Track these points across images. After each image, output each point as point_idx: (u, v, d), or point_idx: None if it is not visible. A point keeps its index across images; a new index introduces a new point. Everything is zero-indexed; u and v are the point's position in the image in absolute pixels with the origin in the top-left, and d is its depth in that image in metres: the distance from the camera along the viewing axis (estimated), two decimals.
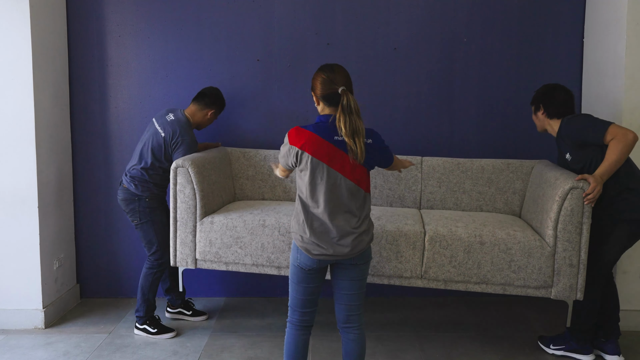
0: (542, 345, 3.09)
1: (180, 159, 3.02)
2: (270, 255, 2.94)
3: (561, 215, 2.69)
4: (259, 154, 3.55)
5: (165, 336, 3.22)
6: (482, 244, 2.79)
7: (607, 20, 3.43)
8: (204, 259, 3.02)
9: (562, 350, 3.01)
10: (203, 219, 3.01)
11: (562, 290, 2.75)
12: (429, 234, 2.85)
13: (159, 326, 3.25)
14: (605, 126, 2.69)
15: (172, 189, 3.00)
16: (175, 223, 3.02)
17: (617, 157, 2.62)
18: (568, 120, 2.87)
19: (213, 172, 3.21)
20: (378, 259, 2.86)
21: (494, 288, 2.83)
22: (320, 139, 2.19)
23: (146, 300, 3.22)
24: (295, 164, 2.24)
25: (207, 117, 3.30)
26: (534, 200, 3.07)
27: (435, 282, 2.87)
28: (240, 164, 3.55)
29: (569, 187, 2.65)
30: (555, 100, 2.95)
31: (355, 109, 2.18)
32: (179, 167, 2.98)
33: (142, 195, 3.14)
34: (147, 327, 3.24)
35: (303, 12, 3.69)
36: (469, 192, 3.37)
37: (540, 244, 2.76)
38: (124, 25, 3.68)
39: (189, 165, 2.97)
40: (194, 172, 2.97)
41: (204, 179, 3.06)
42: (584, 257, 2.72)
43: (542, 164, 3.22)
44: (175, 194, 3.00)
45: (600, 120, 2.79)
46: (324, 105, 2.26)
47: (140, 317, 3.24)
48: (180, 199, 2.99)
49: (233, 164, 3.54)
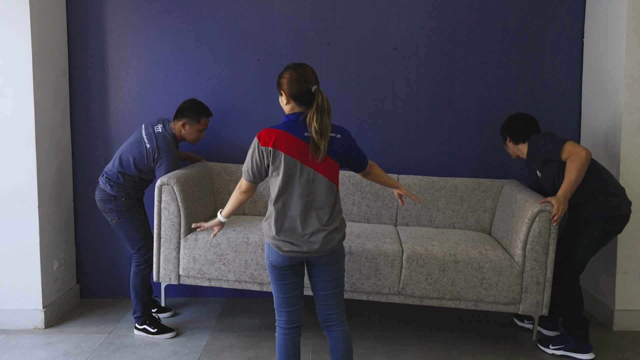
0: (542, 347, 3.10)
1: (165, 176, 3.04)
2: (253, 272, 3.01)
3: (530, 237, 2.85)
4: (240, 169, 3.59)
5: (165, 336, 3.22)
6: (457, 262, 2.92)
7: (607, 20, 3.43)
8: (187, 275, 3.07)
9: (562, 350, 3.02)
10: (187, 236, 3.05)
11: (529, 306, 2.92)
12: (407, 252, 2.96)
13: (159, 326, 3.25)
14: (561, 144, 2.85)
15: (157, 206, 3.03)
16: (159, 240, 3.06)
17: (575, 176, 2.78)
18: (532, 140, 3.06)
19: (196, 188, 3.24)
20: (358, 276, 2.96)
21: (466, 304, 2.97)
22: (291, 136, 2.18)
23: (140, 299, 3.23)
24: (268, 165, 2.21)
25: (183, 129, 3.24)
26: (504, 220, 3.23)
27: (412, 299, 3.00)
28: (221, 179, 3.58)
29: (537, 210, 2.81)
30: (516, 127, 3.17)
31: (328, 108, 2.18)
32: (164, 184, 3.02)
33: (118, 196, 3.17)
34: (147, 327, 3.24)
35: (303, 12, 3.69)
36: (443, 210, 3.51)
37: (510, 263, 2.91)
38: (124, 25, 3.68)
39: (174, 183, 3.00)
40: (179, 190, 3.01)
41: (188, 196, 3.10)
42: (549, 276, 2.89)
43: (512, 184, 3.38)
44: (159, 211, 3.03)
45: (558, 138, 2.93)
46: (294, 104, 2.24)
47: (139, 317, 3.25)
48: (165, 216, 3.02)
49: (214, 179, 3.58)
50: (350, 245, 3.00)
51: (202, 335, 3.27)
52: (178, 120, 3.24)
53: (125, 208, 3.17)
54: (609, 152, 3.41)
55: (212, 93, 3.73)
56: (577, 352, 2.99)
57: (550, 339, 3.11)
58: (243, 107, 3.74)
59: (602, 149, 3.48)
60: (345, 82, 3.72)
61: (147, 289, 3.25)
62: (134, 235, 3.21)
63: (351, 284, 3.00)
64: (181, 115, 3.24)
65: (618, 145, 3.30)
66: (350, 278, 2.99)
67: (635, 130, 3.27)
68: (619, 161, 3.30)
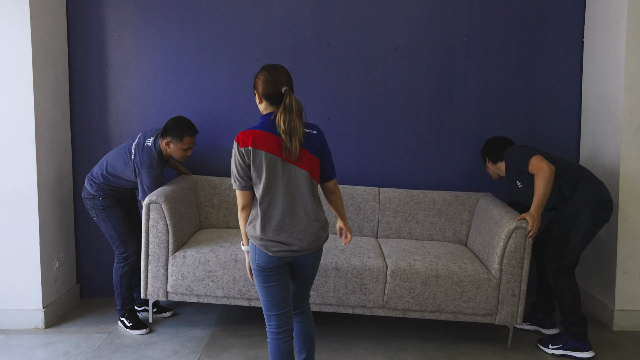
0: (542, 347, 3.10)
1: (154, 194, 3.04)
2: (241, 288, 3.05)
3: (506, 252, 2.98)
4: (223, 183, 3.61)
5: (136, 332, 3.28)
6: (438, 277, 3.03)
7: (607, 20, 3.43)
8: (176, 292, 3.09)
9: (561, 349, 3.03)
10: (175, 253, 3.07)
11: (504, 317, 3.04)
12: (391, 268, 3.05)
13: (134, 321, 3.31)
14: (528, 157, 3.02)
15: (145, 224, 3.05)
16: (147, 257, 3.07)
17: (542, 192, 2.94)
18: (506, 153, 3.22)
19: (182, 205, 3.25)
20: (344, 291, 3.03)
21: (446, 316, 3.08)
22: (268, 134, 2.20)
23: (120, 294, 3.32)
24: (249, 166, 2.21)
25: (168, 147, 3.22)
26: (480, 233, 3.35)
27: (395, 312, 3.08)
28: (205, 193, 3.60)
29: (514, 227, 2.94)
30: (493, 148, 3.32)
31: (297, 108, 2.20)
32: (152, 203, 3.04)
33: (96, 195, 3.25)
34: (124, 320, 3.32)
35: (303, 12, 3.69)
36: (422, 223, 3.61)
37: (487, 276, 3.03)
38: (124, 25, 3.68)
39: (162, 201, 3.02)
40: (167, 209, 3.03)
41: (176, 213, 3.11)
42: (524, 288, 3.01)
43: (487, 198, 3.51)
44: (147, 229, 3.04)
45: (527, 150, 3.09)
46: (267, 104, 2.27)
47: (119, 311, 3.35)
48: (153, 234, 3.04)
49: (198, 193, 3.59)
50: (337, 261, 3.07)
51: (202, 335, 3.27)
52: (163, 139, 3.23)
53: (102, 207, 3.24)
54: (609, 152, 3.41)
55: (212, 93, 3.73)
56: (577, 351, 3.00)
57: (549, 338, 3.11)
58: (243, 107, 3.73)
59: (602, 149, 3.48)
60: (345, 82, 3.72)
61: (126, 285, 3.33)
62: (111, 233, 3.28)
63: (337, 298, 3.08)
64: (165, 134, 3.23)
65: (618, 145, 3.30)
66: (336, 293, 3.06)
67: (635, 130, 3.27)
68: (619, 161, 3.30)
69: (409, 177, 3.79)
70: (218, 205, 3.58)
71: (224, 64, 3.71)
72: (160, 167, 3.23)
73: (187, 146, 3.27)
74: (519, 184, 3.17)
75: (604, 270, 3.46)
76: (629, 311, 3.33)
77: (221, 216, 3.59)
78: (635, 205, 3.29)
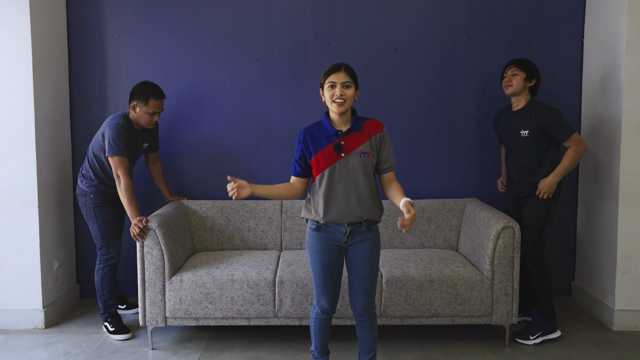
0: (521, 340, 3.16)
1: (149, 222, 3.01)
2: (240, 307, 3.03)
3: (496, 252, 3.02)
4: (215, 206, 3.58)
5: (118, 337, 3.22)
6: (432, 281, 3.04)
7: (607, 20, 3.43)
8: (174, 317, 3.06)
9: (541, 336, 3.14)
10: (172, 278, 3.05)
11: (500, 317, 3.06)
12: (386, 276, 3.05)
13: (117, 325, 3.26)
14: (572, 132, 3.05)
15: (140, 250, 3.02)
16: (144, 284, 3.05)
17: (571, 162, 3.05)
18: (546, 108, 3.09)
19: (175, 229, 3.24)
20: (341, 302, 3.02)
21: (444, 320, 3.09)
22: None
23: (101, 296, 3.28)
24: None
25: (134, 112, 3.19)
26: (470, 237, 3.37)
27: (393, 319, 3.08)
28: (197, 217, 3.58)
29: (502, 227, 2.99)
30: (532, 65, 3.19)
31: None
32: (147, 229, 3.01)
33: (88, 192, 3.23)
34: (107, 325, 3.27)
35: (303, 12, 3.69)
36: (413, 231, 3.61)
37: (480, 278, 3.05)
38: (124, 25, 3.68)
39: (156, 227, 3.00)
40: (161, 234, 3.01)
41: (170, 239, 3.09)
42: (516, 287, 3.04)
43: (474, 203, 3.53)
44: (142, 255, 3.03)
45: (567, 123, 3.09)
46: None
47: (102, 314, 3.30)
48: (148, 260, 3.02)
49: (190, 217, 3.57)
50: None
51: (202, 335, 3.27)
52: (130, 103, 3.21)
53: (92, 205, 3.22)
54: (609, 152, 3.41)
55: (212, 93, 3.73)
56: (551, 333, 3.15)
57: (525, 330, 3.18)
58: (243, 106, 3.73)
59: (602, 149, 3.48)
60: None
61: (107, 287, 3.27)
62: (96, 234, 3.26)
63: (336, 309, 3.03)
64: (132, 98, 3.20)
65: (618, 145, 3.30)
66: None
67: (635, 130, 3.27)
68: (619, 161, 3.30)
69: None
70: (211, 228, 3.56)
71: (224, 64, 3.71)
72: (125, 135, 3.12)
73: (153, 110, 3.19)
74: (525, 132, 3.13)
75: (604, 270, 3.46)
76: (629, 311, 3.33)
77: (215, 238, 3.56)
78: (635, 205, 3.29)
